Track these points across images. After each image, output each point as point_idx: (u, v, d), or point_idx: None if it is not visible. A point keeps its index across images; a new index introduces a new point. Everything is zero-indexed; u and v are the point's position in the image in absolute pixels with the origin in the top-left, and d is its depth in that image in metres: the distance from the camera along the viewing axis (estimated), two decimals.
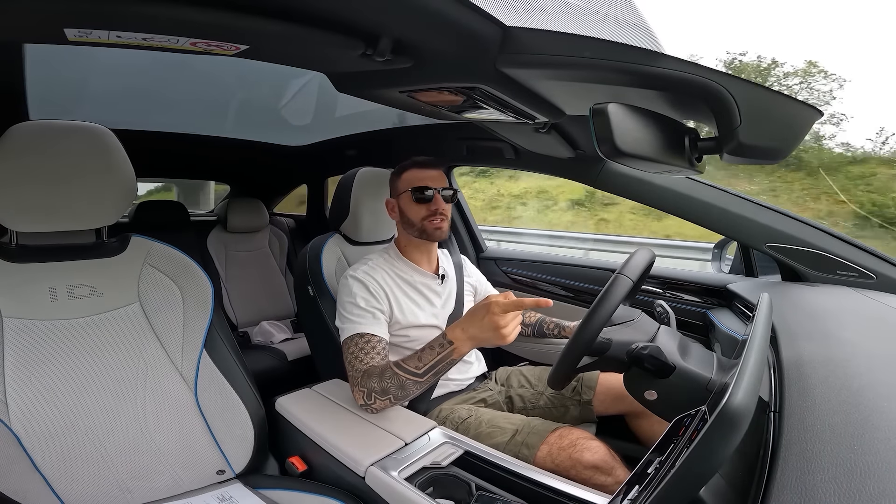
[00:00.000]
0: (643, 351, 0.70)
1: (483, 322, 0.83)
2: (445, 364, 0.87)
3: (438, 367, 0.87)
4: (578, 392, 1.11)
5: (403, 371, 0.88)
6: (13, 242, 0.81)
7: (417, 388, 0.88)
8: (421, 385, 0.88)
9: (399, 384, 0.88)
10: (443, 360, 0.87)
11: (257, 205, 2.25)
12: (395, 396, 0.88)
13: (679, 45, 9.47)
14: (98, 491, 0.81)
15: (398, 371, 0.88)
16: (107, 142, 0.83)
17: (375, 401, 0.89)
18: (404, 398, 0.90)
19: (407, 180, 1.10)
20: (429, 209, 1.08)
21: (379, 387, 0.89)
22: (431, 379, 0.88)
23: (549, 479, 0.77)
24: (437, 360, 0.87)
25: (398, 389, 0.88)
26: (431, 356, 0.87)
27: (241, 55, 0.67)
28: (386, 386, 0.88)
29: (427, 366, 0.87)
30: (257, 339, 1.99)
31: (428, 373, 0.87)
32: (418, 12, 0.58)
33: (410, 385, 0.88)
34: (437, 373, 0.88)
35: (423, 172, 1.10)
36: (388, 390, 0.88)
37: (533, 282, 1.64)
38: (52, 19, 0.53)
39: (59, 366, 0.81)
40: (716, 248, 1.48)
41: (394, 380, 0.88)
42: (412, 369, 0.88)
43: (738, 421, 0.37)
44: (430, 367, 0.87)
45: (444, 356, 0.87)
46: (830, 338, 0.71)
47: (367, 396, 0.90)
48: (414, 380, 0.87)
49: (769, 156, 0.59)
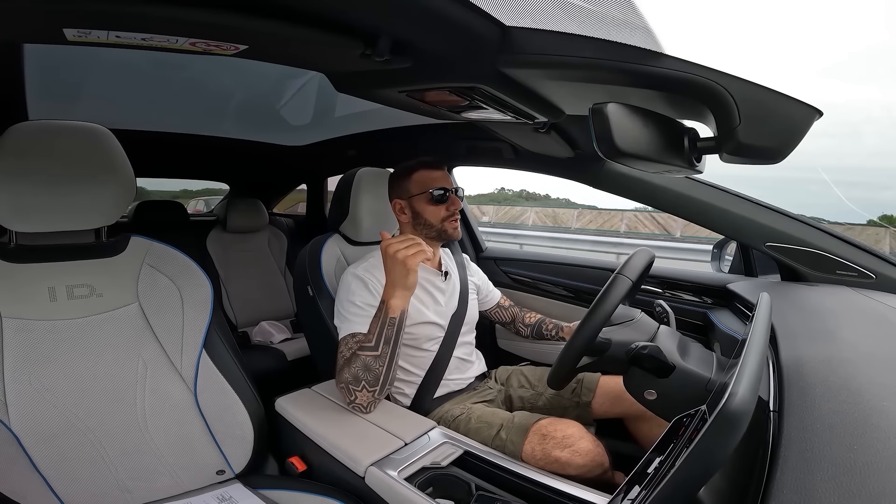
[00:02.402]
0: (643, 351, 0.70)
1: (388, 262, 0.90)
2: (388, 326, 0.89)
3: (384, 331, 0.89)
4: (578, 393, 1.11)
5: (362, 351, 0.90)
6: (12, 242, 0.81)
7: (380, 364, 0.89)
8: (380, 359, 0.89)
9: (363, 365, 0.89)
10: (384, 323, 0.89)
11: (257, 205, 2.25)
12: (367, 381, 0.89)
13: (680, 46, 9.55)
14: (98, 491, 0.81)
15: (359, 353, 0.90)
16: (106, 142, 0.83)
17: (354, 394, 0.90)
18: (376, 381, 0.89)
19: (420, 182, 1.10)
20: (448, 210, 1.09)
21: (350, 376, 0.89)
22: (386, 348, 0.89)
23: (549, 478, 0.77)
24: (379, 326, 0.90)
25: (365, 372, 0.88)
26: (375, 324, 0.91)
27: (240, 55, 0.67)
28: (354, 373, 0.89)
29: (375, 335, 0.89)
30: (257, 339, 1.99)
31: (379, 341, 0.89)
32: (418, 12, 0.58)
33: (371, 361, 0.89)
34: (387, 339, 0.89)
35: (435, 173, 1.10)
36: (358, 377, 0.89)
37: (533, 281, 1.64)
38: (52, 19, 0.53)
39: (58, 366, 0.81)
40: (715, 247, 1.48)
41: (357, 363, 0.89)
42: (366, 345, 0.90)
43: (737, 421, 0.37)
44: (378, 336, 0.89)
45: (382, 318, 0.90)
46: (830, 338, 0.71)
47: (348, 392, 0.91)
48: (371, 354, 0.89)
49: (768, 156, 0.59)
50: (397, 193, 1.14)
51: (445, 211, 1.09)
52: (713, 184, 1.20)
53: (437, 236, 1.11)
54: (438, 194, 1.08)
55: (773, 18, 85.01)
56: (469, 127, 1.31)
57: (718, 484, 0.46)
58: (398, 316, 0.90)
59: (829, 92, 65.41)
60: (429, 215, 1.10)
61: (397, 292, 0.90)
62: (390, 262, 0.90)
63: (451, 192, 1.09)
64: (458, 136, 1.53)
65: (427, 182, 1.09)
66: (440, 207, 1.09)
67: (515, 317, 1.34)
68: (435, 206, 1.09)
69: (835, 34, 60.63)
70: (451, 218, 1.10)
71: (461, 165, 1.73)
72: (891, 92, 77.65)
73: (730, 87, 0.56)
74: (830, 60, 54.61)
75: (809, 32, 65.79)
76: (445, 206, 1.09)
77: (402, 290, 0.91)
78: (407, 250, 0.89)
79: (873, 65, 78.51)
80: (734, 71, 0.55)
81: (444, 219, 1.09)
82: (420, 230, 1.12)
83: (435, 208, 1.09)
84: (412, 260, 0.88)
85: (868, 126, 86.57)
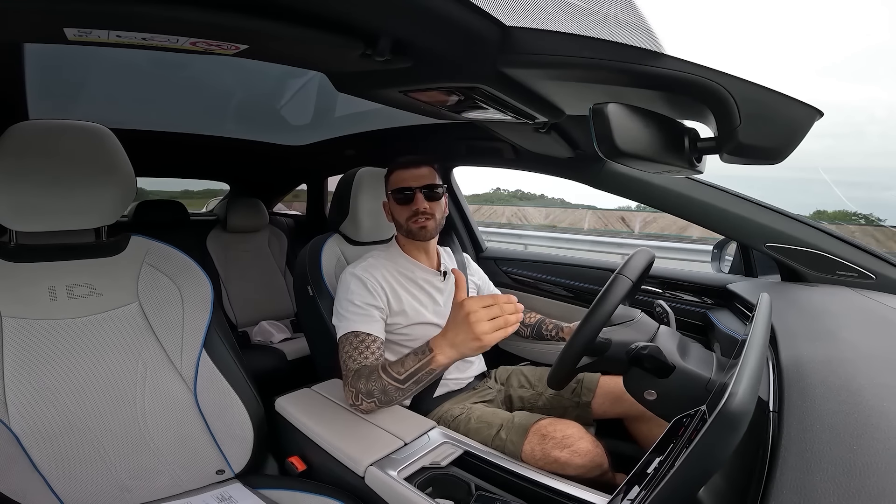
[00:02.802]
0: (643, 351, 0.70)
1: (460, 324, 0.77)
2: (425, 373, 0.83)
3: (418, 375, 0.83)
4: (578, 394, 1.11)
5: (387, 376, 0.86)
6: (12, 242, 0.81)
7: (400, 395, 0.86)
8: (403, 392, 0.85)
9: (382, 388, 0.86)
10: (423, 369, 0.82)
11: (257, 204, 2.25)
12: (380, 400, 0.87)
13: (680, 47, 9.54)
14: (97, 490, 0.81)
15: (382, 375, 0.86)
16: (107, 142, 0.83)
17: (362, 402, 0.89)
18: (388, 403, 0.88)
19: (391, 182, 1.12)
20: (410, 209, 1.08)
21: (365, 389, 0.88)
22: (413, 387, 0.85)
23: (549, 479, 0.77)
24: (417, 368, 0.83)
25: (381, 394, 0.86)
26: (413, 363, 0.83)
27: (240, 55, 0.67)
28: (370, 388, 0.87)
29: (408, 373, 0.83)
30: (257, 338, 1.99)
31: (409, 380, 0.84)
32: (418, 12, 0.58)
33: (392, 391, 0.85)
34: (417, 381, 0.84)
35: (404, 172, 1.10)
36: (372, 393, 0.87)
37: (533, 282, 1.64)
38: (52, 19, 0.53)
39: (58, 365, 0.81)
40: (715, 248, 1.48)
41: (377, 383, 0.86)
42: (395, 374, 0.85)
43: (737, 421, 0.37)
44: (410, 375, 0.83)
45: (423, 364, 0.82)
46: (830, 338, 0.71)
47: (355, 397, 0.90)
48: (396, 386, 0.85)
49: (769, 156, 0.59)
50: (385, 194, 1.16)
51: (408, 210, 1.08)
52: (713, 184, 1.20)
53: (407, 235, 1.12)
54: (399, 194, 1.09)
55: (775, 17, 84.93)
56: (469, 127, 1.32)
57: (718, 484, 0.46)
58: (439, 371, 0.84)
59: (831, 91, 65.22)
60: (396, 215, 1.12)
61: (452, 353, 0.80)
62: (465, 330, 0.77)
63: (417, 190, 1.07)
64: (458, 136, 1.53)
65: (395, 182, 1.10)
66: (405, 207, 1.09)
67: None
68: (400, 206, 1.09)
69: (836, 33, 60.50)
70: (414, 217, 1.08)
71: (461, 165, 1.73)
72: (893, 92, 77.38)
73: (730, 88, 0.56)
74: (831, 59, 54.42)
75: (811, 31, 65.55)
76: (408, 206, 1.08)
77: (458, 354, 0.80)
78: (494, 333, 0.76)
79: (876, 64, 78.22)
80: (736, 71, 0.55)
81: (408, 218, 1.09)
82: (397, 230, 1.14)
83: (400, 208, 1.10)
84: (489, 340, 0.76)
85: (872, 126, 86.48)
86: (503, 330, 0.76)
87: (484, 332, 0.75)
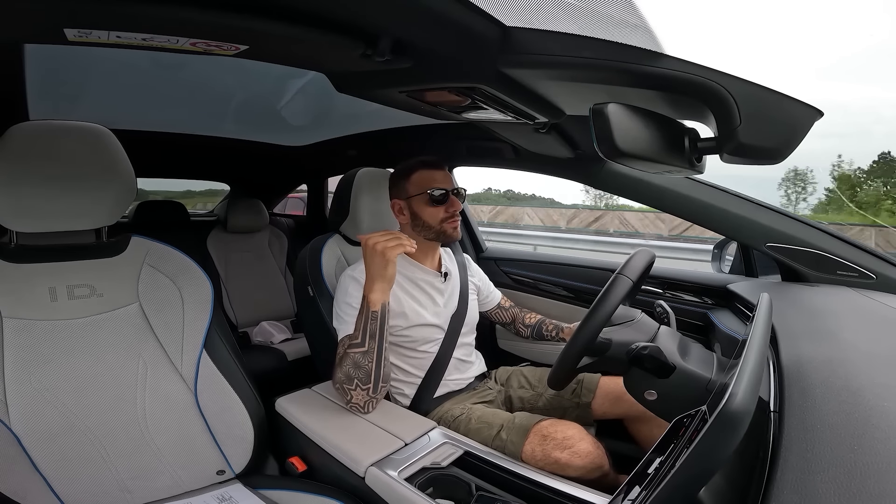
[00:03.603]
0: (643, 351, 0.70)
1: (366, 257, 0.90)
2: (371, 321, 0.89)
3: (367, 326, 0.89)
4: (578, 394, 1.11)
5: (350, 349, 0.90)
6: (13, 243, 0.81)
7: (368, 360, 0.89)
8: (368, 355, 0.89)
9: (353, 363, 0.89)
10: (367, 318, 0.89)
11: (257, 205, 2.25)
12: (359, 378, 0.89)
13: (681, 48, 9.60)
14: (98, 491, 0.81)
15: (348, 351, 0.90)
16: (107, 142, 0.83)
17: (350, 393, 0.90)
18: (367, 378, 0.89)
19: (419, 182, 1.09)
20: (447, 211, 1.08)
21: (343, 375, 0.89)
22: (372, 343, 0.89)
23: (549, 479, 0.77)
24: (363, 321, 0.89)
25: (355, 369, 0.88)
26: (359, 320, 0.90)
27: (240, 55, 0.67)
28: (346, 371, 0.89)
29: (360, 331, 0.89)
30: (257, 339, 1.99)
31: (364, 337, 0.89)
32: (418, 12, 0.58)
33: (360, 358, 0.89)
34: (371, 333, 0.89)
35: (434, 173, 1.09)
36: (350, 375, 0.89)
37: (533, 282, 1.64)
38: (52, 19, 0.53)
39: (58, 366, 0.81)
40: (716, 248, 1.48)
41: (347, 361, 0.89)
42: (354, 342, 0.90)
43: (738, 421, 0.37)
44: (362, 331, 0.89)
45: (365, 313, 0.90)
46: (830, 338, 0.70)
47: (344, 392, 0.91)
48: (359, 351, 0.88)
49: (769, 156, 0.59)
50: (396, 194, 1.13)
51: (444, 212, 1.08)
52: (713, 184, 1.20)
53: (436, 237, 1.11)
54: (438, 195, 1.07)
55: (775, 17, 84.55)
56: (469, 127, 1.31)
57: (719, 484, 0.46)
58: (379, 309, 0.90)
59: (835, 91, 64.48)
60: (427, 216, 1.09)
61: (376, 285, 0.90)
62: (369, 254, 0.90)
63: (451, 192, 1.08)
64: (458, 136, 1.53)
65: (426, 182, 1.08)
66: (439, 208, 1.08)
67: (516, 317, 1.33)
68: (434, 207, 1.08)
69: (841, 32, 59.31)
70: (450, 219, 1.09)
71: (461, 165, 1.73)
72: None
73: (730, 87, 0.56)
74: (833, 58, 53.39)
75: (813, 30, 64.29)
76: (444, 207, 1.08)
77: (381, 282, 0.90)
78: (386, 242, 0.89)
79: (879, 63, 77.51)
80: (739, 70, 0.55)
81: (443, 220, 1.08)
82: (419, 231, 1.11)
83: (433, 209, 1.08)
84: (391, 251, 0.88)
85: (878, 126, 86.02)
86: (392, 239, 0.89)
87: (379, 244, 0.88)
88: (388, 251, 0.88)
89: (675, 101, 0.65)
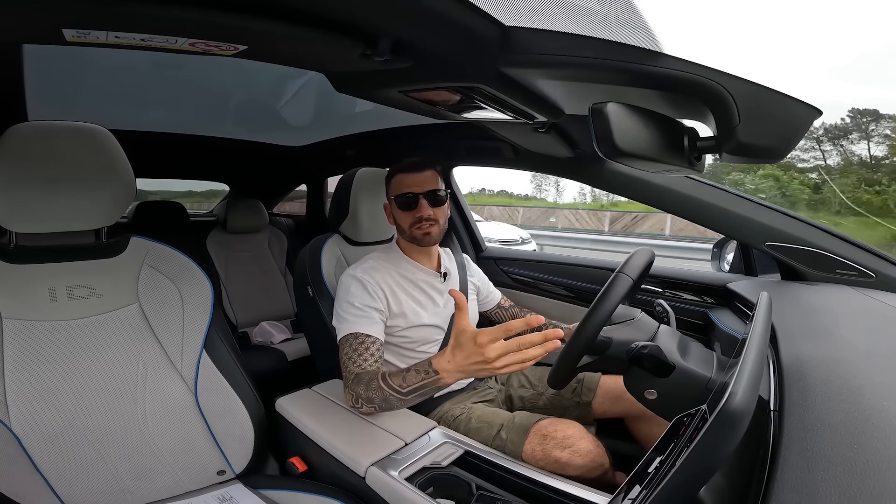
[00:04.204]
0: (643, 350, 0.70)
1: (470, 353, 0.73)
2: (429, 390, 0.81)
3: (422, 391, 0.82)
4: (578, 393, 1.11)
5: (388, 387, 0.84)
6: (12, 243, 0.81)
7: (402, 405, 0.86)
8: (405, 402, 0.85)
9: (383, 398, 0.85)
10: (426, 387, 0.81)
11: (257, 205, 2.25)
12: (380, 407, 0.87)
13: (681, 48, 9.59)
14: (98, 491, 0.81)
15: (383, 385, 0.85)
16: (106, 142, 0.82)
17: (363, 405, 0.89)
18: (388, 409, 0.89)
19: (394, 186, 1.10)
20: (413, 216, 1.07)
21: (365, 395, 0.87)
22: (415, 399, 0.84)
23: (550, 478, 0.78)
24: (420, 385, 0.81)
25: (382, 402, 0.86)
26: (416, 380, 0.81)
27: (239, 55, 0.67)
28: (371, 396, 0.86)
29: (410, 387, 0.82)
30: (257, 339, 1.99)
31: (411, 394, 0.82)
32: (418, 12, 0.58)
33: (394, 401, 0.84)
34: (421, 395, 0.83)
35: (408, 177, 1.07)
36: (372, 400, 0.86)
37: (533, 281, 1.64)
38: (51, 20, 0.53)
39: (58, 366, 0.81)
40: (715, 247, 1.48)
41: (378, 392, 0.85)
42: (396, 387, 0.83)
43: (738, 420, 0.37)
44: (413, 390, 0.82)
45: (428, 383, 0.80)
46: (830, 337, 0.71)
47: (355, 400, 0.89)
48: (397, 397, 0.84)
49: (768, 155, 0.59)
50: (386, 196, 1.14)
51: (412, 216, 1.07)
52: (713, 183, 1.20)
53: (411, 241, 1.10)
54: (403, 200, 1.06)
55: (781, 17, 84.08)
56: (469, 127, 1.32)
57: (719, 483, 0.46)
58: (441, 386, 0.81)
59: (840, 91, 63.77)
60: (399, 220, 1.10)
61: (456, 375, 0.78)
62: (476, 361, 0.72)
63: (420, 195, 1.06)
64: (458, 136, 1.53)
65: (398, 187, 1.08)
66: (407, 213, 1.07)
67: (515, 317, 1.33)
68: (402, 211, 1.08)
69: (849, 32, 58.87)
70: (418, 224, 1.06)
71: (461, 165, 1.73)
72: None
73: (729, 87, 0.56)
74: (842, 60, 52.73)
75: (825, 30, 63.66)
76: (412, 212, 1.06)
77: (463, 374, 0.78)
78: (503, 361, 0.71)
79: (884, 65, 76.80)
80: (745, 70, 0.55)
81: (411, 225, 1.07)
82: (400, 234, 1.12)
83: (403, 213, 1.08)
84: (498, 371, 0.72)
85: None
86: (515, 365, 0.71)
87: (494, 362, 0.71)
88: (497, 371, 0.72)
89: (675, 101, 0.65)
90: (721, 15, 74.33)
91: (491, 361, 0.71)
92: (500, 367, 0.71)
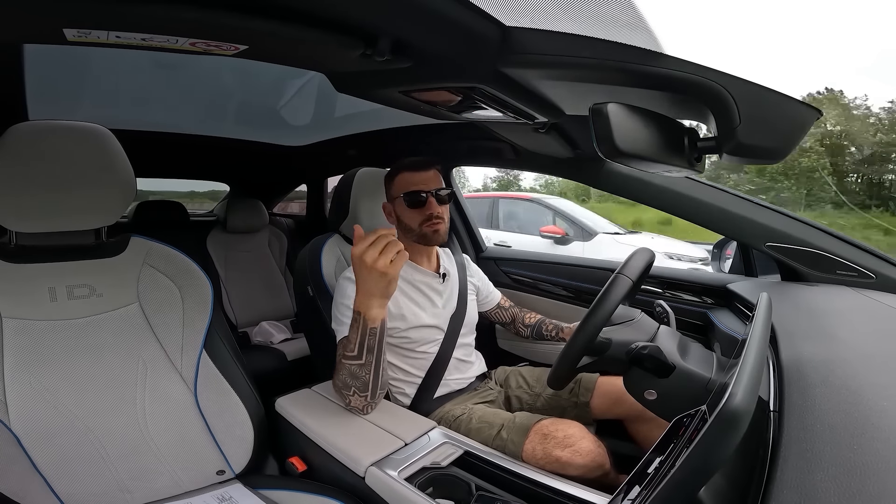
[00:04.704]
0: (643, 351, 0.70)
1: (358, 271, 0.80)
2: (369, 336, 0.83)
3: (366, 341, 0.83)
4: (576, 394, 1.11)
5: (345, 359, 0.86)
6: (12, 243, 0.81)
7: (366, 372, 0.85)
8: (365, 367, 0.84)
9: (349, 373, 0.85)
10: (364, 334, 0.82)
11: (257, 205, 2.25)
12: (357, 387, 0.87)
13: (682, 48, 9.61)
14: (98, 491, 0.81)
15: (343, 361, 0.86)
16: (106, 142, 0.82)
17: (348, 398, 0.89)
18: (365, 387, 0.87)
19: (399, 184, 1.09)
20: (423, 214, 1.07)
21: (340, 382, 0.88)
22: (370, 356, 0.84)
23: (550, 479, 0.77)
24: (360, 336, 0.83)
25: (352, 378, 0.86)
26: (355, 334, 0.83)
27: (240, 55, 0.67)
28: (343, 379, 0.87)
29: (356, 345, 0.83)
30: (257, 339, 1.99)
31: (361, 351, 0.83)
32: (418, 12, 0.58)
33: (356, 370, 0.85)
34: (370, 348, 0.83)
35: (414, 175, 1.08)
36: (347, 383, 0.87)
37: (533, 281, 1.64)
38: (51, 19, 0.53)
39: (58, 366, 0.81)
40: (715, 247, 1.49)
41: (343, 371, 0.86)
42: (348, 353, 0.85)
43: (738, 420, 0.37)
44: (359, 346, 0.83)
45: (362, 329, 0.82)
46: (830, 337, 0.71)
47: (342, 396, 0.90)
48: (356, 363, 0.84)
49: (768, 156, 0.59)
50: (386, 196, 1.14)
51: (421, 215, 1.07)
52: (713, 184, 1.20)
53: (419, 240, 1.10)
54: (413, 198, 1.06)
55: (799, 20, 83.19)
56: (469, 127, 1.32)
57: (719, 484, 0.46)
58: (379, 326, 0.84)
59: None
60: (407, 219, 1.09)
61: (375, 301, 0.81)
62: (366, 273, 0.79)
63: (430, 194, 1.06)
64: (458, 136, 1.53)
65: (405, 185, 1.08)
66: (417, 211, 1.07)
67: (515, 317, 1.34)
68: (412, 209, 1.07)
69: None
70: (428, 222, 1.07)
71: (461, 165, 1.73)
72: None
73: (730, 87, 0.56)
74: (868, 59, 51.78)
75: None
76: (421, 210, 1.07)
77: (382, 298, 0.82)
78: (385, 258, 0.78)
79: None
80: (748, 72, 0.55)
81: (422, 223, 1.07)
82: (405, 234, 1.11)
83: (412, 212, 1.08)
84: (393, 269, 0.78)
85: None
86: (392, 252, 0.78)
87: (377, 261, 0.77)
88: (389, 269, 0.78)
89: (675, 101, 0.65)
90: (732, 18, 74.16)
91: (370, 264, 0.77)
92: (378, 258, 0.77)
